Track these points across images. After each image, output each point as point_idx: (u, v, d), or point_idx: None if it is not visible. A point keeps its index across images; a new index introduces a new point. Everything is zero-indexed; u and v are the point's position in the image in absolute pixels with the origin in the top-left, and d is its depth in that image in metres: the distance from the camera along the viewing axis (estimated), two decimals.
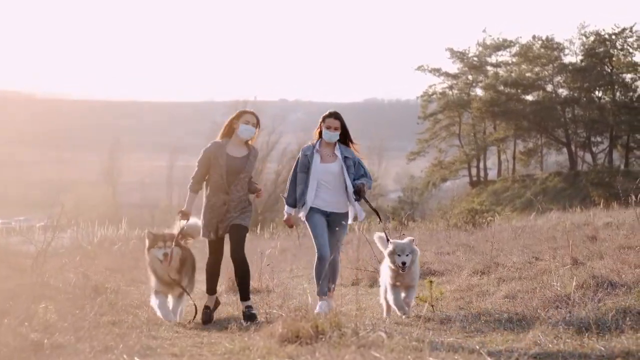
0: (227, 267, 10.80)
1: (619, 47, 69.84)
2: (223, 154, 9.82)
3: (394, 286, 9.18)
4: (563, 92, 72.79)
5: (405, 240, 9.37)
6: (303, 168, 10.27)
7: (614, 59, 69.50)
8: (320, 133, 10.35)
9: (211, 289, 9.95)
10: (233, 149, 9.92)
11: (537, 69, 73.33)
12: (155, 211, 67.17)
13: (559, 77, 72.46)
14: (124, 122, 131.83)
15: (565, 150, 72.60)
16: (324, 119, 10.33)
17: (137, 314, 9.50)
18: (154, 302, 9.57)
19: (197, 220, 10.02)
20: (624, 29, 69.00)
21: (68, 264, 12.60)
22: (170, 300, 9.72)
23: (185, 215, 9.82)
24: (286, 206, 10.39)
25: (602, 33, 69.86)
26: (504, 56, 77.30)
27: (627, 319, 7.55)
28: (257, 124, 10.10)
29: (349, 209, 10.29)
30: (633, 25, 69.56)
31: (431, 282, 9.61)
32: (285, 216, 10.46)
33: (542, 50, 72.74)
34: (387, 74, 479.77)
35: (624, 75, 70.16)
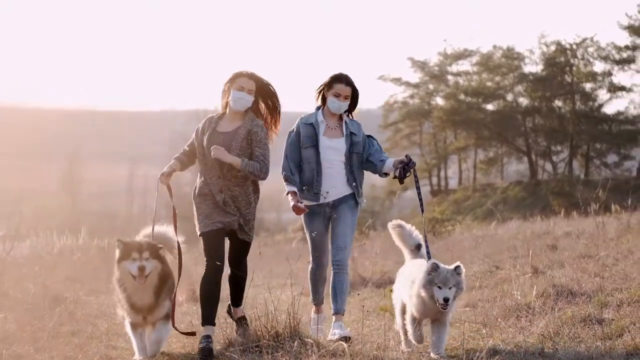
0: (188, 275, 10.66)
1: (580, 56, 70.44)
2: (208, 130, 7.80)
3: (416, 320, 7.14)
4: (523, 101, 73.11)
5: (451, 266, 6.88)
6: (309, 141, 8.28)
7: (574, 68, 70.07)
8: (323, 99, 8.48)
9: (208, 317, 7.48)
10: (225, 123, 7.85)
11: (497, 78, 73.62)
12: (115, 220, 66.78)
13: (520, 87, 72.79)
14: (84, 131, 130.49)
15: (525, 159, 72.95)
16: (331, 83, 8.36)
17: (96, 323, 9.42)
18: (131, 338, 7.43)
19: (168, 229, 7.97)
20: (584, 39, 69.62)
21: (27, 273, 12.47)
22: (147, 331, 7.39)
23: (165, 177, 7.72)
24: (287, 184, 8.19)
25: (563, 43, 70.48)
26: (465, 65, 77.54)
27: (587, 327, 7.61)
28: (262, 89, 8.00)
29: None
30: (593, 36, 70.56)
31: (392, 291, 9.08)
32: (291, 199, 8.07)
33: (503, 59, 73.12)
34: None
35: (584, 84, 70.70)
